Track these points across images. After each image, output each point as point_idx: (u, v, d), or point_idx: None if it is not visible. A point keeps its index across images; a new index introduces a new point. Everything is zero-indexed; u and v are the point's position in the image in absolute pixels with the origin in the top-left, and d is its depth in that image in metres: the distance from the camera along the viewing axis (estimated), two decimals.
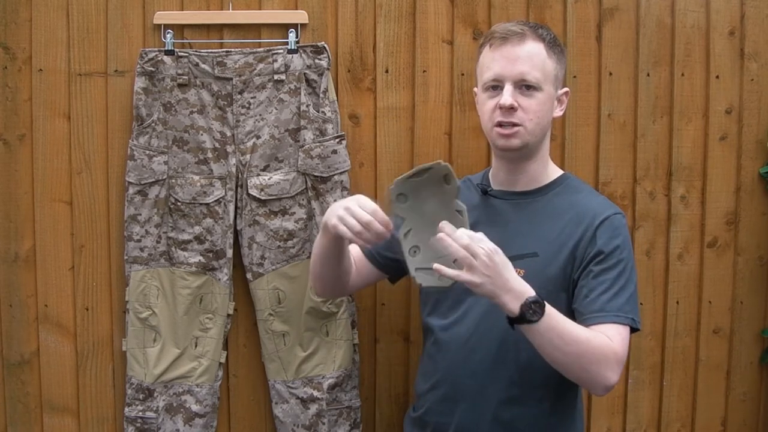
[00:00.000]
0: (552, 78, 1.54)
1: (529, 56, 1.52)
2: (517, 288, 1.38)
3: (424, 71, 1.95)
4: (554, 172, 1.64)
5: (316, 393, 1.92)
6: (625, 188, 2.01)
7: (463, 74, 1.94)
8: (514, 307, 1.36)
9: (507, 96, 1.51)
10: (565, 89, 1.62)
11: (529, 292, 1.38)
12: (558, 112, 1.60)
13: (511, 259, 1.53)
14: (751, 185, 2.04)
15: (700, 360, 2.06)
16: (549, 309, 1.39)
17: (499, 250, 1.38)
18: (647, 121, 2.00)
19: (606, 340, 1.43)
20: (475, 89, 1.64)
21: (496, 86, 1.54)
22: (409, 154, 1.96)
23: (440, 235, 1.38)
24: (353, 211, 1.45)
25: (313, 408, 1.92)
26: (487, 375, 1.54)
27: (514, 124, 1.52)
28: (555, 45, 1.57)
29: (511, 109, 1.51)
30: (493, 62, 1.54)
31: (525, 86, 1.51)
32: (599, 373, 1.42)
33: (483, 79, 1.57)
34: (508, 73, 1.52)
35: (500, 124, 1.53)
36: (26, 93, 1.91)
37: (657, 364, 2.05)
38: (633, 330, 1.50)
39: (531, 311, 1.36)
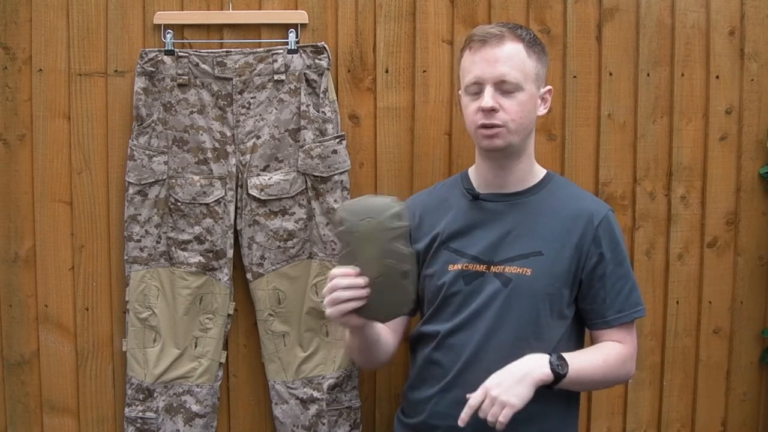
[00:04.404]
0: (533, 77, 1.56)
1: (508, 57, 1.53)
2: (530, 362, 1.48)
3: (424, 71, 1.95)
4: (540, 171, 1.67)
5: (316, 393, 1.92)
6: (625, 188, 2.01)
7: (460, 72, 1.93)
8: (547, 374, 1.46)
9: (487, 98, 1.53)
10: (548, 87, 1.63)
11: (542, 359, 1.48)
12: (542, 111, 1.62)
13: (513, 259, 1.56)
14: (751, 185, 2.04)
15: (700, 360, 2.06)
16: (566, 356, 1.50)
17: (487, 378, 1.46)
18: (647, 121, 2.00)
19: (618, 349, 1.57)
20: (459, 92, 1.65)
21: (477, 89, 1.56)
22: (409, 154, 1.97)
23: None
24: (330, 292, 1.46)
25: (313, 408, 1.92)
26: None
27: (496, 125, 1.54)
28: (535, 44, 1.58)
29: (492, 110, 1.53)
30: (473, 65, 1.56)
31: (505, 87, 1.53)
32: (620, 378, 1.62)
33: (465, 82, 1.59)
34: (487, 75, 1.54)
35: (483, 126, 1.56)
36: (26, 93, 1.91)
37: (657, 364, 2.05)
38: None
39: (559, 366, 1.47)
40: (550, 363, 1.47)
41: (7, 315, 1.96)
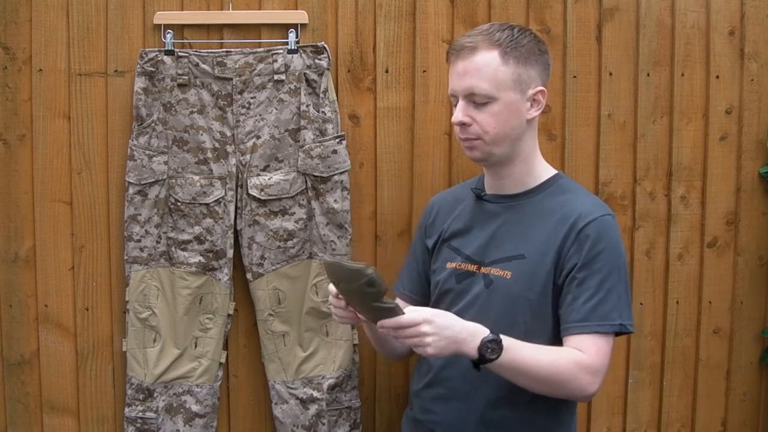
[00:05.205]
0: (509, 83, 1.50)
1: (477, 69, 1.50)
2: (469, 333, 1.39)
3: (424, 71, 1.95)
4: (545, 173, 1.61)
5: (315, 393, 1.92)
6: (625, 188, 2.01)
7: None
8: (472, 350, 1.38)
9: (457, 113, 1.53)
10: (539, 88, 1.53)
11: (482, 332, 1.39)
12: (533, 113, 1.55)
13: (498, 261, 1.55)
14: (751, 185, 2.04)
15: (700, 360, 2.06)
16: (507, 342, 1.39)
17: (435, 312, 1.40)
18: (647, 121, 2.00)
19: (574, 355, 1.44)
20: None
21: (455, 101, 1.56)
22: (409, 154, 1.97)
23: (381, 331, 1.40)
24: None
25: (313, 408, 1.92)
26: (477, 375, 1.53)
27: (471, 138, 1.54)
28: (515, 47, 1.51)
29: (463, 125, 1.53)
30: (450, 78, 1.57)
31: (476, 99, 1.51)
32: (573, 389, 1.44)
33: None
34: (458, 89, 1.54)
35: (461, 139, 1.56)
36: (26, 93, 1.91)
37: (657, 364, 2.05)
38: (624, 333, 1.50)
39: (489, 350, 1.37)
40: (481, 343, 1.37)
41: (7, 315, 1.96)
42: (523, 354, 1.41)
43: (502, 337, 1.39)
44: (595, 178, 2.00)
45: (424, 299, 1.72)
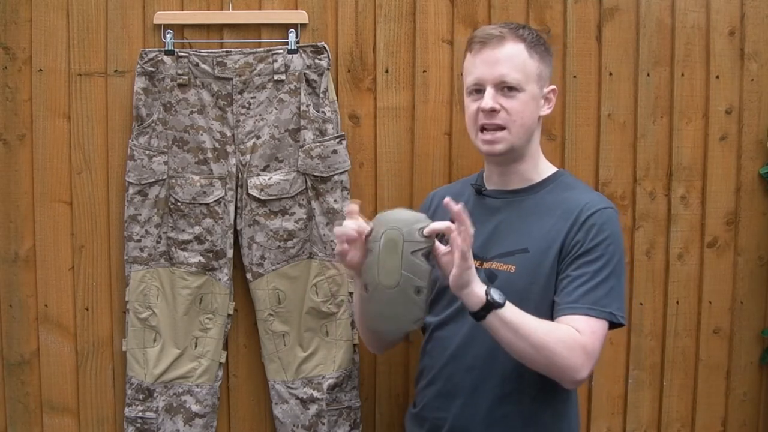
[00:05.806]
0: (534, 77, 1.55)
1: (509, 58, 1.53)
2: (481, 281, 1.42)
3: (424, 71, 1.95)
4: (547, 169, 1.64)
5: (315, 393, 1.92)
6: (625, 188, 2.01)
7: (462, 74, 1.94)
8: (480, 292, 1.39)
9: (487, 99, 1.53)
10: (552, 87, 1.61)
11: (483, 286, 1.41)
12: (546, 111, 1.60)
13: (502, 255, 1.56)
14: (751, 185, 2.04)
15: (700, 360, 2.06)
16: (509, 303, 1.41)
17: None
18: (647, 121, 2.00)
19: (571, 331, 1.43)
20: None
21: (478, 90, 1.56)
22: (409, 154, 1.97)
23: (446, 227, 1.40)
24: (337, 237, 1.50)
25: (313, 408, 1.92)
26: (481, 371, 1.54)
27: (499, 127, 1.53)
28: (537, 44, 1.57)
29: (492, 111, 1.53)
30: (474, 67, 1.57)
31: (506, 88, 1.53)
32: (565, 366, 1.42)
33: (466, 84, 1.60)
34: (488, 76, 1.54)
35: (483, 129, 1.55)
36: (26, 93, 1.91)
37: (657, 364, 2.05)
38: (616, 325, 1.50)
39: (492, 298, 1.39)
40: (487, 287, 1.40)
41: (7, 315, 1.96)
42: (525, 316, 1.42)
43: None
44: (595, 178, 2.00)
45: None
